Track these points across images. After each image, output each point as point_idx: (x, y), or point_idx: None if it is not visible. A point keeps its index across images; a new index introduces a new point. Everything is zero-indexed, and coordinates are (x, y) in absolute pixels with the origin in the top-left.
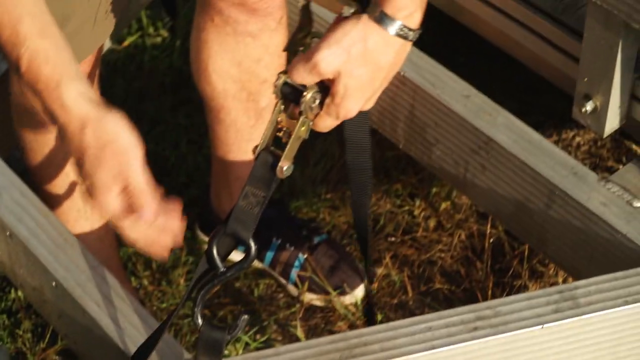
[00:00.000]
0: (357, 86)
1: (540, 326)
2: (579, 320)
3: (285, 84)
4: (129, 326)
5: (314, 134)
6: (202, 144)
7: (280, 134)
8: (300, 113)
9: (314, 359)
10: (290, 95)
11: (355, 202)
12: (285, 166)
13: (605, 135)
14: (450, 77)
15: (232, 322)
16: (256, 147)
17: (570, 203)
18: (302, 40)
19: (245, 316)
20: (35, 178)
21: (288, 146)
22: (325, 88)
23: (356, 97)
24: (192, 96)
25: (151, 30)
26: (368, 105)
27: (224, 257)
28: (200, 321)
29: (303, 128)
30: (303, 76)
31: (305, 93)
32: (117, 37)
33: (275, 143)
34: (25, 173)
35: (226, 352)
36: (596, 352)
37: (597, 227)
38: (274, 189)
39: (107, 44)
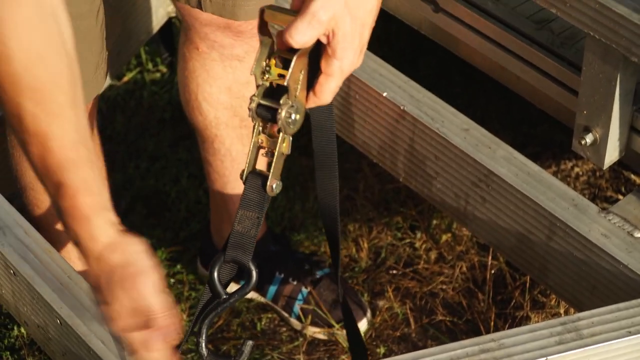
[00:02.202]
0: (352, 33)
1: (544, 358)
2: (582, 352)
3: (260, 105)
4: None
5: (311, 168)
6: (202, 179)
7: (263, 153)
8: (279, 131)
9: None
10: (266, 115)
11: (323, 189)
12: (274, 184)
13: (605, 167)
14: (449, 111)
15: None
16: (242, 171)
17: (572, 235)
18: (267, 59)
19: (250, 342)
20: (36, 216)
21: (273, 165)
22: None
23: (353, 45)
24: (192, 131)
25: (150, 66)
26: (359, 61)
27: (225, 284)
28: (205, 352)
29: (284, 144)
30: (304, 32)
31: (279, 110)
32: (116, 74)
33: None
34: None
35: None
36: None
37: (598, 259)
38: (266, 208)
39: (107, 81)
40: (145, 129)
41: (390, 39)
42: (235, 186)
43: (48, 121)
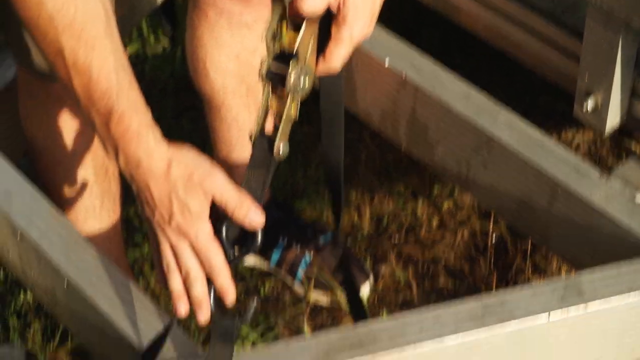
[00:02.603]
0: (363, 1)
1: (547, 316)
2: (584, 310)
3: (270, 69)
4: (142, 323)
5: (315, 135)
6: (206, 148)
7: (272, 117)
8: (288, 95)
9: (324, 351)
10: (276, 79)
11: (328, 156)
12: (281, 146)
13: (606, 133)
14: (450, 78)
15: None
16: (251, 134)
17: (573, 199)
18: (279, 24)
19: (255, 299)
20: (44, 179)
21: (280, 128)
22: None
23: (364, 13)
24: (195, 103)
25: (152, 39)
26: (370, 29)
27: (232, 244)
28: (212, 308)
29: (292, 109)
30: (315, 2)
31: (289, 74)
32: None
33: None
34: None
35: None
36: (602, 341)
37: (600, 223)
38: (273, 171)
39: None
40: (148, 101)
41: (392, 10)
42: (240, 154)
43: (87, 53)
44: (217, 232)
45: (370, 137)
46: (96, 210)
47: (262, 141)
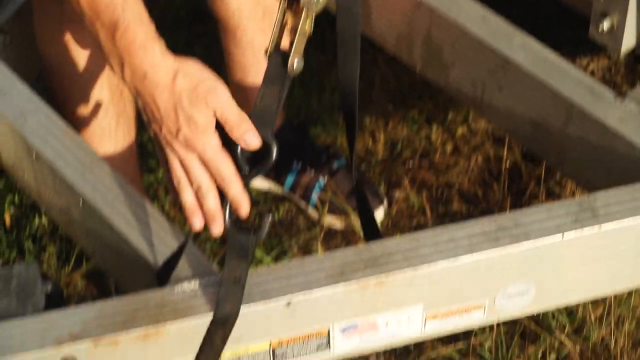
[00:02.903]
0: None
1: (561, 236)
2: (598, 230)
3: None
4: (157, 241)
5: (330, 62)
6: (219, 73)
7: (287, 32)
8: (303, 9)
9: (339, 269)
10: None
11: (344, 73)
12: (295, 61)
13: (622, 54)
14: (466, 0)
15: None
16: (266, 50)
17: (588, 120)
18: None
19: (269, 214)
20: (59, 100)
21: (295, 42)
22: None
23: None
24: (208, 30)
25: None
26: None
27: (247, 159)
28: (228, 223)
29: (307, 24)
30: None
31: None
32: None
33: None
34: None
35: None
36: (615, 261)
37: (614, 144)
38: (288, 86)
39: None
40: (161, 28)
41: None
42: (255, 78)
43: None
44: (231, 149)
45: (384, 61)
46: (112, 131)
47: (277, 57)
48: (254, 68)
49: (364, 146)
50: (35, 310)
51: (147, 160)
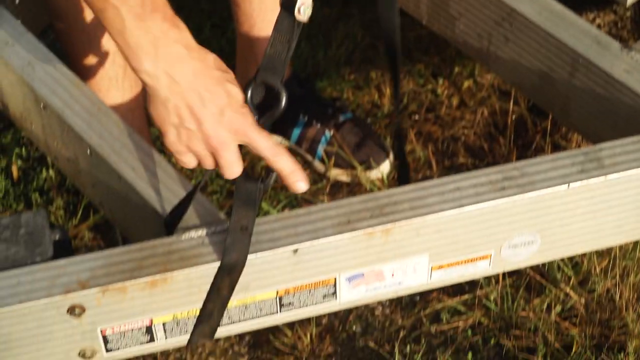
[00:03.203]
0: None
1: (566, 186)
2: (604, 180)
3: None
4: (165, 190)
5: (336, 17)
6: (225, 28)
7: None
8: None
9: (345, 217)
10: None
11: (384, 19)
12: (302, 6)
13: (628, 4)
14: None
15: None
16: None
17: (594, 71)
18: None
19: None
20: (67, 49)
21: None
22: None
23: None
24: None
25: None
26: None
27: (257, 107)
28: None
29: None
30: None
31: None
32: None
33: None
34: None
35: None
36: (621, 212)
37: (620, 94)
38: (298, 34)
39: None
40: None
41: None
42: (262, 28)
43: None
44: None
45: None
46: (119, 81)
47: (288, 4)
48: (260, 18)
49: (370, 100)
50: (43, 259)
51: None
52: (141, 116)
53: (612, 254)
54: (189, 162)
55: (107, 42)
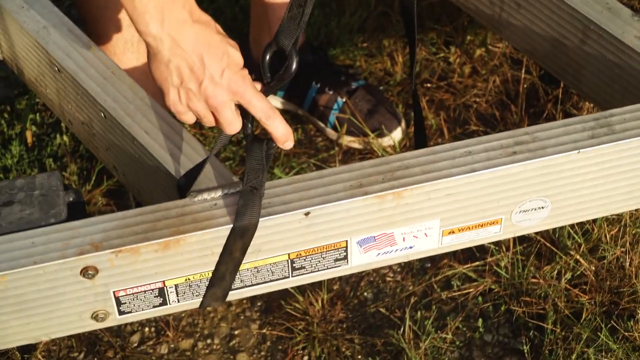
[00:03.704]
0: None
1: (577, 151)
2: (614, 146)
3: None
4: (178, 152)
5: None
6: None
7: None
8: None
9: (356, 181)
10: None
11: None
12: None
13: None
14: None
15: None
16: None
17: (605, 37)
18: None
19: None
20: (82, 12)
21: None
22: None
23: None
24: None
25: None
26: None
27: (271, 70)
28: (250, 131)
29: None
30: None
31: None
32: None
33: None
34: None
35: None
36: (631, 177)
37: (631, 60)
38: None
39: None
40: None
41: None
42: None
43: None
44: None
45: None
46: (134, 44)
47: None
48: None
49: (382, 67)
50: (57, 220)
51: None
52: None
53: (623, 221)
54: (189, 119)
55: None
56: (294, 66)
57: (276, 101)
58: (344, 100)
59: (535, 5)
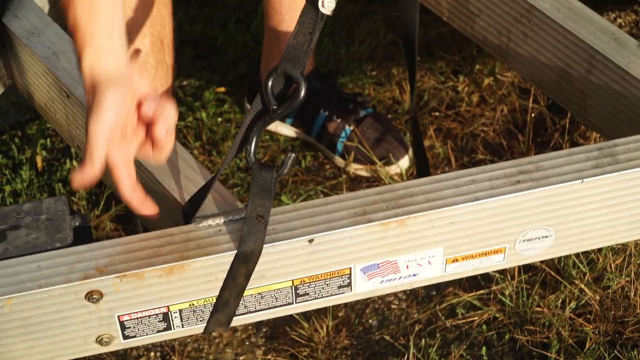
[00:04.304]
0: None
1: (580, 181)
2: (618, 176)
3: None
4: (184, 178)
5: (359, 14)
6: (249, 23)
7: None
8: None
9: (360, 208)
10: None
11: (404, 15)
12: (326, 1)
13: None
14: None
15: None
16: None
17: (611, 68)
18: None
19: (292, 154)
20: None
21: None
22: None
23: None
24: None
25: None
26: None
27: (277, 97)
28: (253, 159)
29: None
30: None
31: None
32: None
33: None
34: None
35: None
36: (635, 207)
37: (637, 91)
38: (320, 28)
39: None
40: None
41: None
42: (290, 24)
43: None
44: (264, 85)
45: None
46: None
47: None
48: (289, 15)
49: (391, 96)
50: (63, 244)
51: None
52: None
53: (628, 251)
54: None
55: (140, 42)
56: (303, 93)
57: (284, 128)
58: (351, 128)
59: (542, 35)
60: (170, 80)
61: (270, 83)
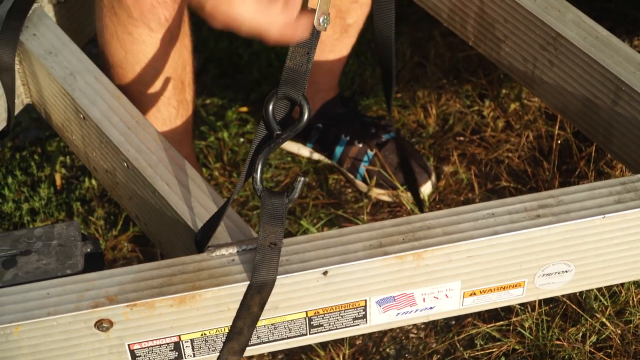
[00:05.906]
0: None
1: (602, 216)
2: None
3: None
4: (198, 206)
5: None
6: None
7: None
8: None
9: (376, 240)
10: None
11: (380, 36)
12: (321, 18)
13: None
14: None
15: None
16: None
17: (637, 99)
18: None
19: (302, 178)
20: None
21: (319, 1)
22: None
23: None
24: None
25: None
26: None
27: (280, 121)
28: (260, 187)
29: None
30: None
31: None
32: None
33: None
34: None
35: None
36: None
37: None
38: (316, 44)
39: None
40: None
41: None
42: (321, 66)
43: None
44: (264, 111)
45: (440, 35)
46: (172, 120)
47: (307, 15)
48: (319, 57)
49: (415, 119)
50: (73, 271)
51: (199, 127)
52: (189, 144)
53: None
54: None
55: (163, 86)
56: (306, 116)
57: (306, 150)
58: (373, 152)
59: (568, 64)
60: (191, 113)
61: (271, 107)
